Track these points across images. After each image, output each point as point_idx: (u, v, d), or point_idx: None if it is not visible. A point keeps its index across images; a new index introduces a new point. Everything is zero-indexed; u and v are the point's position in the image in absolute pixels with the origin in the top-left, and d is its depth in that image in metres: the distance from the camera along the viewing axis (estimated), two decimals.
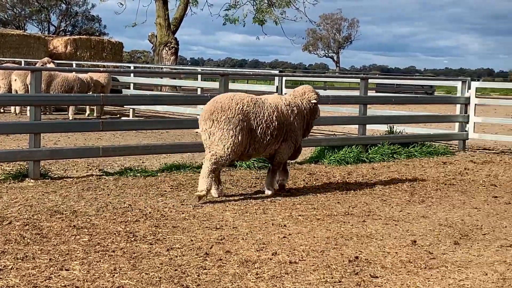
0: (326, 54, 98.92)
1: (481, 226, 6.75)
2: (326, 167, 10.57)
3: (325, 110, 17.87)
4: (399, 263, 5.33)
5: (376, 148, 11.81)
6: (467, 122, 13.50)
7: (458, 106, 13.76)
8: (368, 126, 12.82)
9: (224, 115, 7.64)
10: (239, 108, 7.71)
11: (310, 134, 8.75)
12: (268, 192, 8.16)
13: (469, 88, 13.55)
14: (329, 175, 9.73)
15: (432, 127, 15.69)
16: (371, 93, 17.53)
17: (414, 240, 6.05)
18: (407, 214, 7.28)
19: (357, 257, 5.44)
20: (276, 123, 7.97)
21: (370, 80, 14.09)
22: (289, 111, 8.19)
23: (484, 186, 9.29)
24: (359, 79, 13.08)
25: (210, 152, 7.69)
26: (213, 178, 7.71)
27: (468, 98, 13.50)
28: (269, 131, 7.92)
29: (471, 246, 5.95)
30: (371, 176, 9.83)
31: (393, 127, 13.27)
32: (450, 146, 13.68)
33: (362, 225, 6.66)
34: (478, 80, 29.56)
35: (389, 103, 15.94)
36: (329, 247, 5.76)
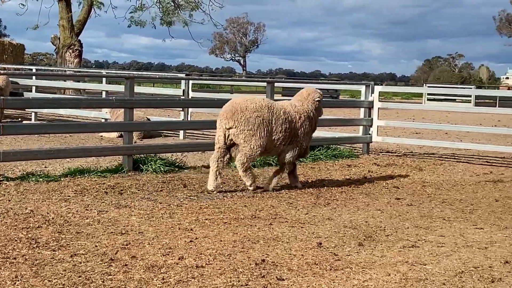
0: (233, 58, 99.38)
1: (385, 227, 6.89)
2: (233, 170, 10.56)
3: None
4: (305, 265, 5.37)
5: None
6: (371, 126, 13.79)
7: (362, 109, 14.03)
8: None
9: (243, 116, 8.53)
10: (255, 108, 8.60)
11: (210, 138, 8.76)
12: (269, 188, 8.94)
13: (372, 92, 13.85)
14: (236, 178, 9.72)
15: (337, 130, 15.96)
16: (277, 96, 17.69)
17: (320, 242, 6.12)
18: (313, 216, 7.35)
19: (263, 260, 5.44)
20: (285, 126, 8.82)
21: (276, 84, 14.19)
22: (297, 117, 9.01)
23: (387, 188, 9.51)
24: (265, 83, 13.16)
25: (239, 153, 8.62)
26: (252, 172, 8.84)
27: (372, 102, 13.79)
28: (280, 133, 8.78)
29: (375, 247, 6.06)
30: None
31: None
32: (355, 149, 13.94)
33: (269, 228, 6.68)
34: (381, 84, 30.32)
35: None
36: (236, 251, 5.75)
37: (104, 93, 17.43)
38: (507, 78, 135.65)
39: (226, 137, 8.61)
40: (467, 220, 7.39)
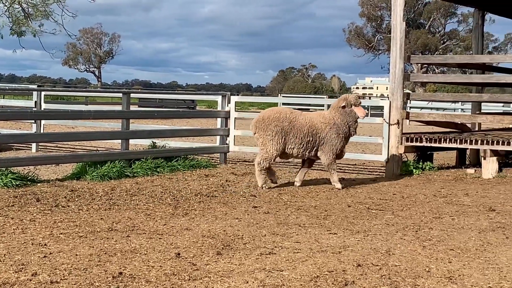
0: (87, 69, 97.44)
1: (242, 235, 6.96)
2: (88, 183, 10.34)
3: (87, 126, 17.56)
4: (163, 276, 5.33)
5: (139, 162, 11.78)
6: (228, 135, 13.92)
7: (219, 120, 14.14)
8: (131, 141, 12.77)
9: (263, 123, 10.34)
10: (276, 118, 10.31)
11: (71, 149, 8.56)
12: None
13: (229, 102, 13.99)
14: (92, 191, 9.52)
15: (194, 140, 15.99)
16: (133, 108, 17.48)
17: (178, 253, 6.09)
18: (171, 227, 7.32)
19: (121, 273, 5.35)
20: (307, 133, 10.32)
21: (132, 95, 14.03)
22: (323, 125, 10.43)
23: (245, 197, 9.62)
24: (121, 94, 12.98)
25: (258, 154, 10.59)
26: (265, 174, 10.52)
27: (228, 112, 13.93)
28: (301, 139, 10.32)
29: (233, 255, 6.10)
30: (135, 190, 9.77)
31: (156, 142, 13.34)
32: (212, 159, 14.02)
33: (126, 240, 6.58)
34: (238, 95, 30.67)
35: (152, 117, 16.00)
36: (92, 264, 5.61)
37: None
38: (357, 88, 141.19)
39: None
40: (322, 226, 7.59)
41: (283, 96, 50.07)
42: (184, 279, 5.28)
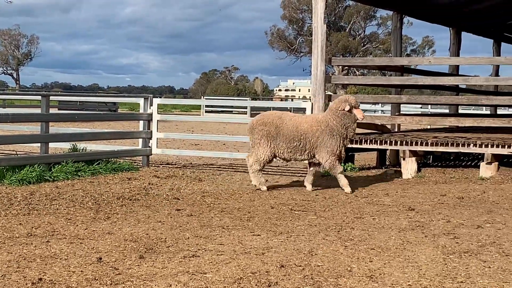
0: (5, 71, 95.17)
1: (165, 238, 6.90)
2: (6, 188, 10.08)
3: (5, 129, 17.13)
4: (84, 282, 5.23)
5: (60, 166, 11.55)
6: (150, 138, 13.80)
7: (141, 122, 14.01)
8: (51, 144, 12.52)
9: (252, 128, 10.70)
10: (263, 123, 10.57)
11: None
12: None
13: (151, 104, 13.87)
14: (10, 196, 9.28)
15: (116, 143, 15.78)
16: (53, 110, 17.14)
17: (100, 257, 5.99)
18: (93, 231, 7.19)
19: (40, 279, 5.23)
20: (297, 136, 10.42)
21: (52, 98, 13.73)
22: (314, 128, 10.44)
23: (168, 200, 9.55)
24: (40, 97, 12.70)
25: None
26: (260, 175, 10.74)
27: (151, 115, 13.81)
28: (291, 142, 10.44)
29: (156, 259, 6.04)
30: (55, 195, 9.57)
31: (77, 145, 13.11)
32: (135, 162, 13.87)
33: (46, 245, 6.44)
34: (160, 97, 30.48)
35: (72, 120, 15.71)
36: (11, 271, 5.47)
37: None
38: (280, 90, 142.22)
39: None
40: (245, 228, 7.60)
41: (206, 98, 50.03)
42: (106, 284, 5.20)
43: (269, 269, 5.74)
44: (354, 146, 12.95)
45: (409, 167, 12.49)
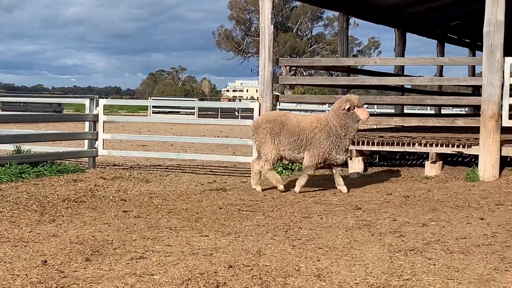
0: None
1: (112, 240, 6.83)
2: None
3: None
4: (29, 285, 5.14)
5: (3, 168, 11.33)
6: (96, 139, 13.64)
7: (87, 123, 13.84)
8: None
9: (256, 127, 10.68)
10: (267, 120, 10.58)
11: None
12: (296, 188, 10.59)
13: (97, 105, 13.71)
14: None
15: (62, 145, 15.54)
16: None
17: (45, 260, 5.89)
18: (37, 234, 7.07)
19: None
20: (297, 131, 10.36)
21: None
22: (313, 125, 10.36)
23: (115, 202, 9.45)
24: None
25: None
26: (274, 173, 10.75)
27: (97, 115, 13.65)
28: (291, 137, 10.38)
29: (103, 261, 5.97)
30: None
31: (21, 146, 12.89)
32: (81, 164, 13.69)
33: None
34: (106, 98, 30.20)
35: (16, 121, 15.43)
36: None
37: None
38: (228, 90, 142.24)
39: None
40: (193, 229, 7.57)
41: (153, 99, 49.71)
42: (51, 287, 5.11)
43: (217, 269, 5.72)
44: None
45: (355, 166, 12.61)
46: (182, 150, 17.87)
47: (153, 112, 45.82)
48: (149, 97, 59.36)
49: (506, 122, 11.67)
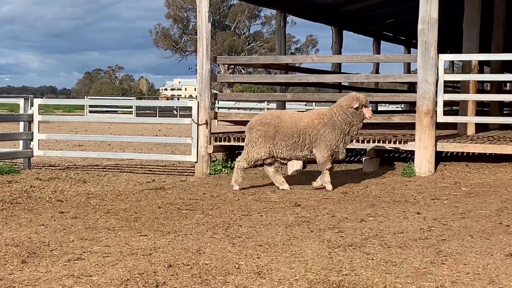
0: None
1: (49, 242, 6.70)
2: None
3: None
4: None
5: None
6: (32, 139, 13.39)
7: (22, 123, 13.58)
8: None
9: (250, 127, 10.55)
10: (261, 122, 10.43)
11: None
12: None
13: (32, 105, 13.46)
14: None
15: None
16: None
17: None
18: None
19: None
20: (295, 133, 10.22)
21: None
22: (316, 121, 10.22)
23: (51, 203, 9.28)
24: None
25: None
26: (241, 175, 10.60)
27: (32, 115, 13.40)
28: (290, 139, 10.25)
29: (39, 263, 5.85)
30: None
31: None
32: (15, 165, 13.42)
33: None
34: (41, 97, 29.69)
35: None
36: None
37: None
38: (166, 89, 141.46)
39: None
40: (132, 228, 7.49)
41: (89, 98, 49.08)
42: None
43: (156, 269, 5.67)
44: (240, 144, 13.01)
45: (294, 163, 12.66)
46: (120, 150, 17.69)
47: (89, 112, 45.27)
48: (86, 97, 58.58)
49: (441, 118, 11.90)
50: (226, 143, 13.12)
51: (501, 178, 10.94)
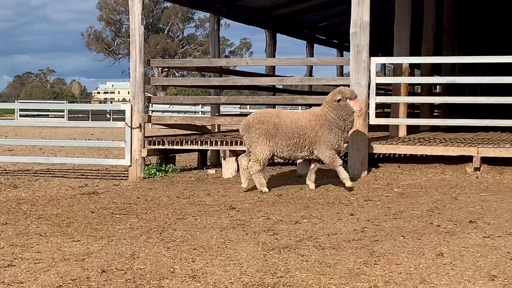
0: None
1: None
2: None
3: None
4: None
5: None
6: None
7: None
8: None
9: (248, 126, 10.29)
10: (259, 121, 10.20)
11: None
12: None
13: None
14: None
15: None
16: None
17: None
18: None
19: None
20: (296, 133, 10.10)
21: None
22: (313, 122, 10.14)
23: None
24: None
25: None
26: (261, 176, 10.39)
27: None
28: (289, 143, 10.13)
29: None
30: None
31: None
32: None
33: None
34: None
35: None
36: None
37: None
38: (99, 92, 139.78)
39: None
40: (64, 234, 7.37)
41: (20, 102, 48.12)
42: None
43: (89, 275, 5.59)
44: (175, 147, 12.96)
45: (229, 166, 12.67)
46: (52, 154, 17.38)
47: (20, 116, 44.35)
48: (16, 100, 57.38)
49: (373, 120, 12.07)
50: (160, 147, 13.02)
51: (431, 179, 11.16)
